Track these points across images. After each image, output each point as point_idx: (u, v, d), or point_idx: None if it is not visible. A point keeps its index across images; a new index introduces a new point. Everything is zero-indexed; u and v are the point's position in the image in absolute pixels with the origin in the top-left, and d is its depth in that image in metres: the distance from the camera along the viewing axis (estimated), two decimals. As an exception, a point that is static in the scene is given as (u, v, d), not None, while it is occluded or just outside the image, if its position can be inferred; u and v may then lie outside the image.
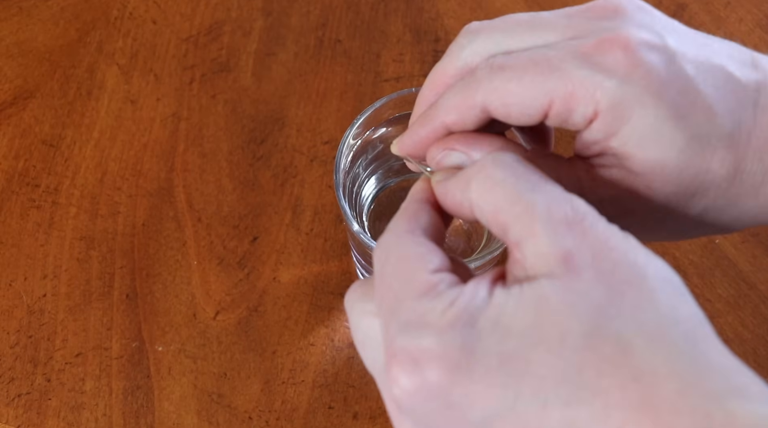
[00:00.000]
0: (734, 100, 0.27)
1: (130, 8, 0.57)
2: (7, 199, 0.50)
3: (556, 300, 0.22)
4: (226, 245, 0.48)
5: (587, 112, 0.26)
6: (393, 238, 0.25)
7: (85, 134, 0.52)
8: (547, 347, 0.21)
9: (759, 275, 0.47)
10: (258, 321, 0.46)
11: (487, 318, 0.22)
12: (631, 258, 0.22)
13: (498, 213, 0.24)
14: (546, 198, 0.23)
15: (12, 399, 0.44)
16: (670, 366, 0.21)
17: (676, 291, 0.22)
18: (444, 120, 0.28)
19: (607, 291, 0.22)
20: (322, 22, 0.57)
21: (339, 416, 0.43)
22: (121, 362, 0.45)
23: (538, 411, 0.21)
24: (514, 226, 0.23)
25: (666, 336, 0.21)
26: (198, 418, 0.43)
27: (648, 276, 0.22)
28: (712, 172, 0.27)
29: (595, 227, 0.23)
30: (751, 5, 0.57)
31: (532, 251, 0.23)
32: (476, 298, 0.23)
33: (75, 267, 0.48)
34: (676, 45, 0.26)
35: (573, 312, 0.21)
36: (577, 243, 0.22)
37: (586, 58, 0.26)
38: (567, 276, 0.22)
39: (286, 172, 0.51)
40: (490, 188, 0.24)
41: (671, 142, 0.26)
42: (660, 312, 0.22)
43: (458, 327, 0.22)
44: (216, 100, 0.53)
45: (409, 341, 0.22)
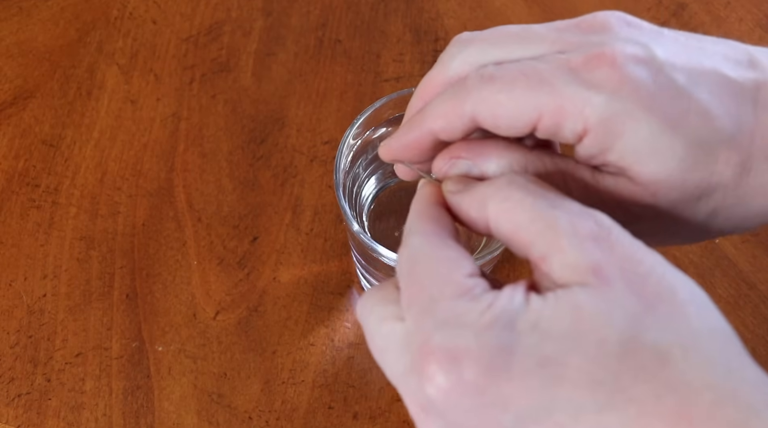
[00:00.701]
0: (732, 102, 0.26)
1: (130, 8, 0.57)
2: (7, 199, 0.50)
3: (592, 307, 0.22)
4: (226, 245, 0.48)
5: (576, 128, 0.26)
6: (422, 240, 0.25)
7: (85, 134, 0.52)
8: (584, 353, 0.21)
9: (759, 275, 0.47)
10: (258, 321, 0.46)
11: (525, 321, 0.22)
12: (660, 272, 0.23)
13: (518, 231, 0.24)
14: (568, 214, 0.23)
15: (12, 399, 0.44)
16: (706, 377, 0.21)
17: (705, 306, 0.22)
18: (431, 126, 0.28)
19: (640, 302, 0.22)
20: (322, 22, 0.57)
21: (339, 416, 0.43)
22: (121, 362, 0.45)
23: (572, 416, 0.21)
24: (538, 243, 0.23)
25: (701, 348, 0.21)
26: (198, 418, 0.43)
27: (678, 290, 0.22)
28: (717, 173, 0.26)
29: (621, 241, 0.23)
30: (751, 5, 0.57)
31: (561, 264, 0.23)
32: (514, 302, 0.23)
33: (75, 267, 0.48)
34: (665, 55, 0.26)
35: (609, 319, 0.21)
36: (605, 256, 0.22)
37: (574, 74, 0.26)
38: (600, 286, 0.22)
39: (286, 172, 0.51)
40: (509, 208, 0.24)
41: (670, 152, 0.26)
42: (693, 325, 0.22)
43: (497, 328, 0.22)
44: (216, 100, 0.53)
45: (447, 339, 0.22)
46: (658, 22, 0.56)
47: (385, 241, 0.37)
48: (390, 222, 0.47)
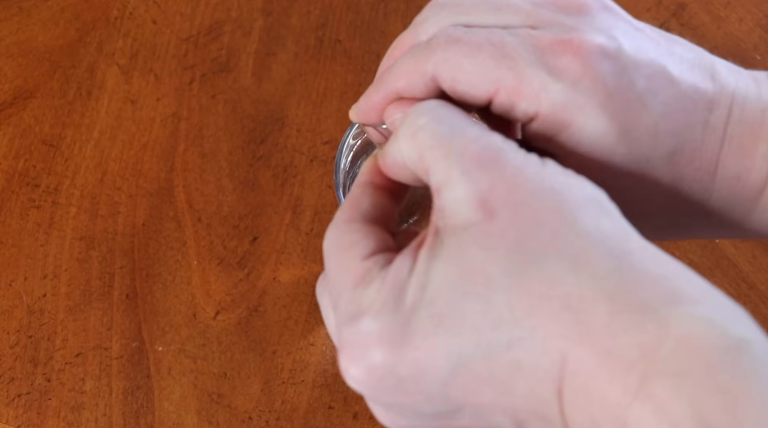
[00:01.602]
0: (683, 119, 0.26)
1: (130, 8, 0.57)
2: (7, 199, 0.50)
3: (475, 248, 0.22)
4: (226, 245, 0.48)
5: (529, 110, 0.26)
6: (332, 230, 0.26)
7: (85, 134, 0.52)
8: (475, 296, 0.22)
9: (759, 275, 0.47)
10: (258, 321, 0.46)
11: (414, 286, 0.22)
12: (548, 185, 0.22)
13: (422, 159, 0.24)
14: (463, 139, 0.23)
15: (12, 399, 0.44)
16: (598, 287, 0.21)
17: (599, 208, 0.22)
18: (395, 85, 0.28)
19: (524, 226, 0.22)
20: (322, 22, 0.57)
21: (339, 416, 0.43)
22: (121, 362, 0.45)
23: (485, 360, 0.22)
24: (434, 171, 0.24)
25: (590, 257, 0.21)
26: (198, 418, 0.43)
27: (566, 200, 0.22)
28: (650, 186, 0.27)
29: (510, 161, 0.23)
30: (751, 5, 0.57)
31: (450, 198, 0.23)
32: (402, 270, 0.23)
33: (75, 267, 0.48)
34: (632, 51, 0.26)
35: (493, 255, 0.22)
36: (492, 181, 0.22)
37: (539, 54, 0.25)
38: (484, 221, 0.22)
39: (286, 172, 0.51)
40: (413, 134, 0.25)
41: (609, 155, 0.26)
42: (581, 234, 0.22)
43: (389, 306, 0.22)
44: (216, 100, 0.53)
45: (350, 331, 0.23)
46: (658, 22, 0.56)
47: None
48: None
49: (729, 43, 0.55)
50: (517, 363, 0.21)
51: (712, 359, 0.19)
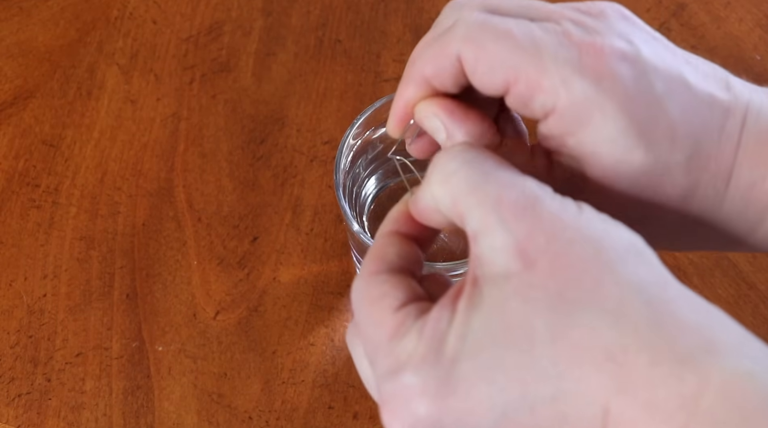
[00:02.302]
0: (699, 124, 0.26)
1: (130, 8, 0.57)
2: (7, 199, 0.50)
3: (516, 299, 0.22)
4: (226, 245, 0.48)
5: (546, 103, 0.26)
6: (360, 282, 0.26)
7: (85, 134, 0.52)
8: (518, 349, 0.22)
9: (759, 275, 0.47)
10: (258, 321, 0.46)
11: (455, 337, 0.22)
12: (586, 233, 0.22)
13: (456, 205, 0.24)
14: (497, 185, 0.23)
15: (12, 399, 0.44)
16: (639, 337, 0.21)
17: (636, 256, 0.22)
18: (422, 71, 0.28)
19: (564, 276, 0.22)
20: (322, 22, 0.57)
21: (339, 416, 0.43)
22: (121, 362, 0.45)
23: (529, 413, 0.22)
24: (470, 219, 0.23)
25: (630, 308, 0.21)
26: (198, 418, 0.43)
27: (604, 249, 0.22)
28: (665, 194, 0.27)
29: (547, 208, 0.23)
30: (751, 5, 0.57)
31: (488, 246, 0.23)
32: (441, 321, 0.23)
33: (75, 267, 0.48)
34: (651, 57, 0.26)
35: (534, 307, 0.22)
36: (530, 229, 0.22)
37: (564, 50, 0.26)
38: (523, 272, 0.22)
39: (286, 172, 0.51)
40: (446, 180, 0.24)
41: (627, 156, 0.26)
42: (621, 284, 0.22)
43: (430, 359, 0.22)
44: (216, 100, 0.53)
45: (392, 386, 0.23)
46: (658, 22, 0.56)
47: (385, 241, 0.37)
48: (390, 222, 0.47)
49: (729, 43, 0.55)
50: (561, 415, 0.21)
51: (752, 410, 0.19)
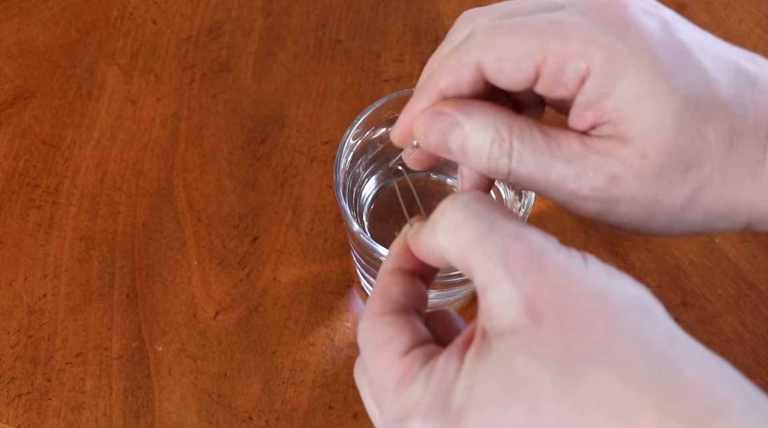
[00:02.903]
0: (731, 74, 0.26)
1: (130, 8, 0.57)
2: (7, 199, 0.50)
3: (523, 354, 0.22)
4: (226, 245, 0.48)
5: (580, 67, 0.26)
6: (366, 323, 0.26)
7: (85, 134, 0.52)
8: (524, 406, 0.22)
9: (759, 275, 0.47)
10: (258, 321, 0.46)
11: (461, 389, 0.23)
12: (592, 288, 0.23)
13: (464, 257, 0.24)
14: (504, 238, 0.23)
15: (12, 399, 0.44)
16: (645, 395, 0.21)
17: (642, 312, 0.22)
18: (438, 84, 0.28)
19: (571, 332, 0.22)
20: (322, 22, 0.57)
21: (339, 416, 0.43)
22: (121, 362, 0.45)
23: None
24: (478, 273, 0.24)
25: (635, 365, 0.21)
26: (198, 418, 0.43)
27: (610, 304, 0.22)
28: (707, 140, 0.26)
29: (553, 263, 0.23)
30: (751, 5, 0.57)
31: (496, 299, 0.23)
32: (449, 372, 0.23)
33: (75, 267, 0.48)
34: (673, 19, 0.27)
35: (541, 364, 0.22)
36: (537, 284, 0.22)
37: (583, 16, 0.26)
38: (531, 327, 0.22)
39: (286, 172, 0.51)
40: (453, 231, 0.24)
41: (666, 102, 0.25)
42: (627, 341, 0.22)
43: (437, 409, 0.23)
44: (216, 100, 0.53)
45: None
46: (658, 22, 0.56)
47: (385, 241, 0.37)
48: (390, 222, 0.47)
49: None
50: None
51: None
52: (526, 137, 0.27)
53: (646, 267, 0.47)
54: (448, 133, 0.27)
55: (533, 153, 0.27)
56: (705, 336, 0.45)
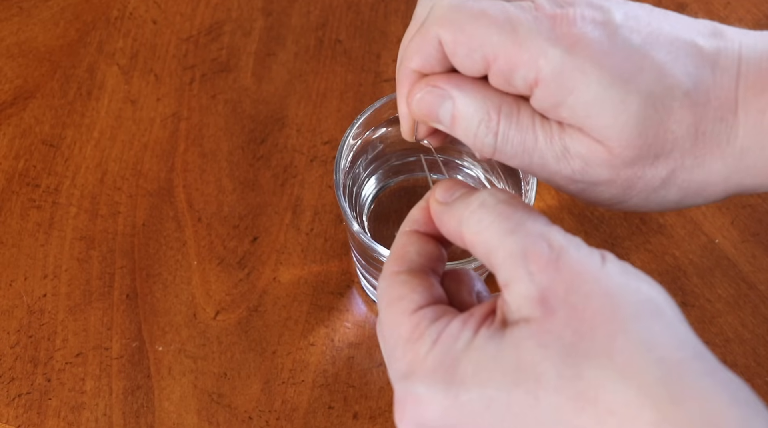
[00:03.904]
0: (689, 62, 0.27)
1: (130, 8, 0.57)
2: (7, 199, 0.50)
3: (532, 342, 0.23)
4: (226, 245, 0.48)
5: (528, 76, 0.26)
6: (382, 282, 0.27)
7: (85, 134, 0.52)
8: (525, 389, 0.22)
9: (759, 275, 0.47)
10: (258, 321, 0.46)
11: (468, 362, 0.24)
12: (605, 287, 0.23)
13: (489, 255, 0.25)
14: (525, 239, 0.24)
15: (12, 399, 0.44)
16: (644, 395, 0.21)
17: (653, 314, 0.23)
18: (410, 66, 0.29)
19: (580, 328, 0.23)
20: (322, 22, 0.57)
21: (339, 416, 0.43)
22: (121, 362, 0.45)
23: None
24: (501, 270, 0.25)
25: (637, 365, 0.22)
26: (198, 418, 0.43)
27: (622, 305, 0.23)
28: (671, 131, 0.27)
29: (570, 260, 0.24)
30: (751, 5, 0.57)
31: (515, 295, 0.24)
32: (460, 340, 0.24)
33: (75, 267, 0.48)
34: (623, 19, 0.27)
35: (546, 354, 0.22)
36: (552, 280, 0.23)
37: (538, 24, 0.26)
38: (543, 318, 0.23)
39: (286, 172, 0.51)
40: (479, 232, 0.25)
41: (621, 106, 0.26)
42: (633, 341, 0.22)
43: (440, 373, 0.24)
44: (216, 100, 0.53)
45: (403, 389, 0.25)
46: (658, 22, 0.56)
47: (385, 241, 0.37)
48: (390, 222, 0.47)
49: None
50: None
51: None
52: (513, 116, 0.28)
53: (646, 267, 0.47)
54: (439, 105, 0.28)
55: (519, 132, 0.28)
56: (705, 336, 0.45)
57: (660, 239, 0.48)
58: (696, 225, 0.48)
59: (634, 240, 0.48)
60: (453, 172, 0.46)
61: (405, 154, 0.45)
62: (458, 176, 0.46)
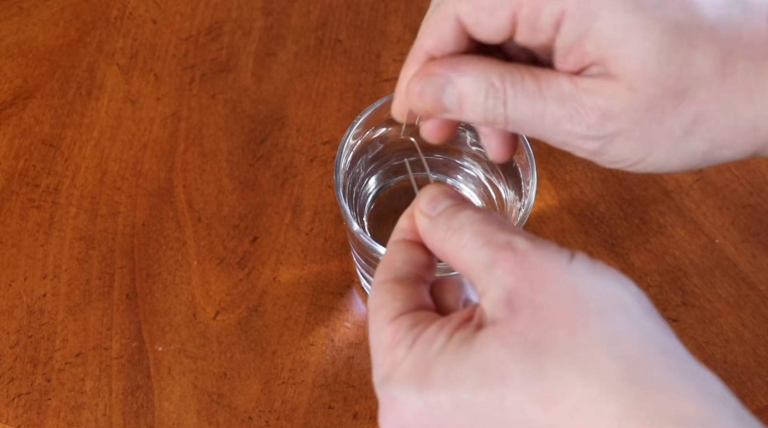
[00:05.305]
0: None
1: (130, 8, 0.57)
2: (7, 199, 0.50)
3: (498, 343, 0.23)
4: (226, 245, 0.48)
5: (554, 10, 0.26)
6: (372, 291, 0.28)
7: (85, 134, 0.52)
8: (490, 389, 0.23)
9: (759, 275, 0.47)
10: (258, 321, 0.46)
11: (441, 365, 0.24)
12: (569, 286, 0.23)
13: (469, 272, 0.26)
14: (492, 249, 0.25)
15: (12, 399, 0.44)
16: (607, 391, 0.21)
17: (618, 311, 0.23)
18: (423, 46, 0.28)
19: (543, 327, 0.23)
20: (322, 22, 0.57)
21: (339, 416, 0.43)
22: (121, 362, 0.45)
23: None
24: (477, 283, 0.25)
25: (600, 362, 0.22)
26: (198, 418, 0.43)
27: (585, 301, 0.23)
28: (697, 66, 0.26)
29: (535, 262, 0.24)
30: (751, 5, 0.57)
31: (487, 301, 0.25)
32: (434, 345, 0.25)
33: (75, 267, 0.48)
34: None
35: (510, 353, 0.23)
36: (517, 281, 0.24)
37: None
38: (508, 319, 0.23)
39: (286, 172, 0.51)
40: (458, 252, 0.26)
41: (646, 34, 0.25)
42: (594, 337, 0.22)
43: (414, 377, 0.24)
44: (216, 100, 0.53)
45: (383, 393, 0.25)
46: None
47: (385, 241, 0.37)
48: (390, 222, 0.47)
49: None
50: None
51: None
52: (518, 83, 0.27)
53: (646, 267, 0.47)
54: (441, 92, 0.28)
55: (527, 97, 0.27)
56: (705, 337, 0.45)
57: (660, 239, 0.48)
58: (696, 225, 0.48)
59: (634, 240, 0.48)
60: (453, 171, 0.46)
61: (405, 154, 0.45)
62: (458, 176, 0.46)
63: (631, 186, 0.50)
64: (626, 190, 0.50)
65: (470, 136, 0.44)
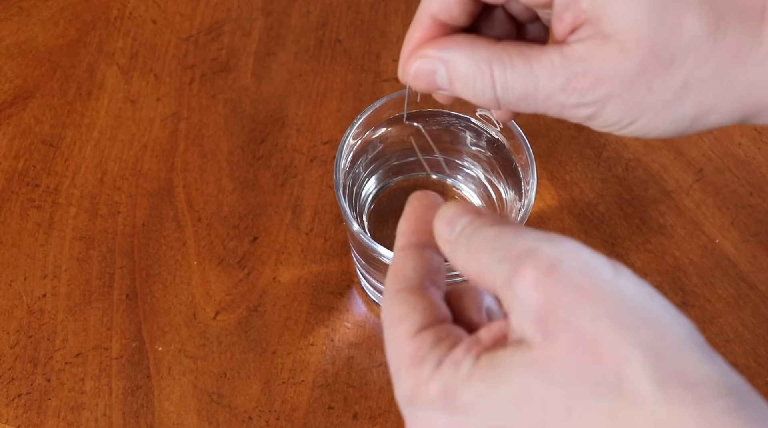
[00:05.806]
0: None
1: (130, 8, 0.57)
2: (7, 199, 0.50)
3: (536, 371, 0.22)
4: (226, 245, 0.48)
5: None
6: (385, 302, 0.26)
7: (85, 134, 0.52)
8: (531, 420, 0.22)
9: (759, 275, 0.47)
10: (258, 321, 0.46)
11: (471, 389, 0.23)
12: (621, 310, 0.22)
13: (494, 289, 0.24)
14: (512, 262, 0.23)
15: (12, 399, 0.44)
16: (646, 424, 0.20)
17: (695, 344, 0.23)
18: (429, 8, 0.28)
19: (585, 357, 0.21)
20: (322, 22, 0.57)
21: (339, 416, 0.43)
22: (121, 362, 0.45)
23: None
24: (503, 299, 0.24)
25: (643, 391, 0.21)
26: (198, 418, 0.43)
27: (640, 328, 0.21)
28: (687, 28, 0.25)
29: (567, 274, 0.22)
30: None
31: (517, 313, 0.23)
32: (462, 368, 0.23)
33: (75, 267, 0.48)
34: None
35: (552, 383, 0.22)
36: (548, 297, 0.22)
37: None
38: (544, 344, 0.22)
39: (286, 172, 0.51)
40: (480, 272, 0.25)
41: None
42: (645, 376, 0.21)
43: (443, 402, 0.23)
44: (216, 100, 0.53)
45: (408, 412, 0.24)
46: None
47: (385, 241, 0.37)
48: (390, 222, 0.47)
49: None
50: None
51: None
52: (507, 65, 0.27)
53: (646, 267, 0.47)
54: (434, 72, 0.29)
55: (517, 78, 0.27)
56: (705, 336, 0.45)
57: (660, 239, 0.48)
58: (696, 225, 0.48)
59: (634, 240, 0.48)
60: (453, 171, 0.46)
61: (405, 154, 0.45)
62: (458, 176, 0.46)
63: (631, 186, 0.50)
64: (626, 190, 0.50)
65: (470, 136, 0.44)
